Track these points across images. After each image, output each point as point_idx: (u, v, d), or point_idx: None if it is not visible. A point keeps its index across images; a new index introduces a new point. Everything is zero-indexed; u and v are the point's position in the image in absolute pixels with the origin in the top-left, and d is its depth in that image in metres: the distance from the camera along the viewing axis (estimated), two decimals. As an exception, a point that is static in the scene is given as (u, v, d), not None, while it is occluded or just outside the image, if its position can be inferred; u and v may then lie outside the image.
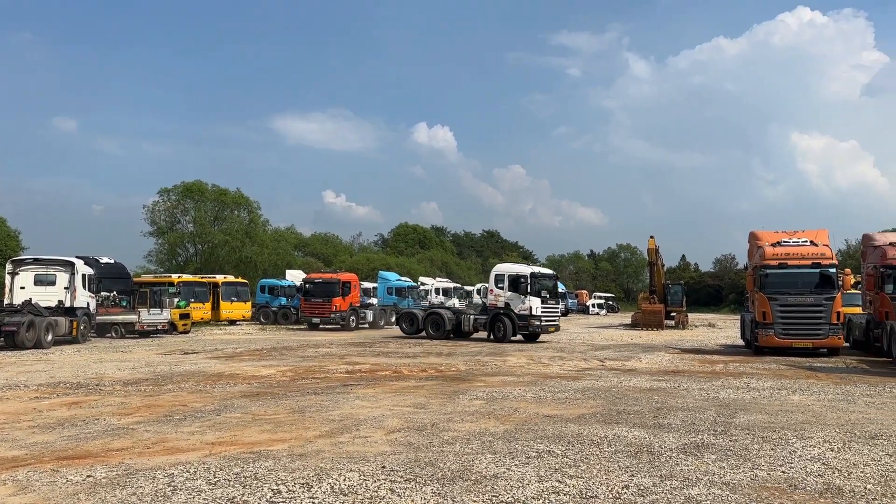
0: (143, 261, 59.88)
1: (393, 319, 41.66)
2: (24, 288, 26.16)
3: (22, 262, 27.28)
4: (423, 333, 29.72)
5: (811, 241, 22.02)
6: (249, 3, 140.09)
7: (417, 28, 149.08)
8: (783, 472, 7.14)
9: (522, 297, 26.93)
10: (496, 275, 28.14)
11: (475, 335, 29.36)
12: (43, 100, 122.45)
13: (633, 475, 6.95)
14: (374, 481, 6.66)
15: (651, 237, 43.39)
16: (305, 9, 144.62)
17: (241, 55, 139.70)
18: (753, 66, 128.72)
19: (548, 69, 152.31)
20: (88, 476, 6.91)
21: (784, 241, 22.19)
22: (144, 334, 30.10)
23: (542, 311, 26.95)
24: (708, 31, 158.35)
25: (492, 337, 27.69)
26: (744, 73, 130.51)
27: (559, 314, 29.59)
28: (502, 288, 27.48)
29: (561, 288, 68.49)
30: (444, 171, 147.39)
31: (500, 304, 27.40)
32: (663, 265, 45.78)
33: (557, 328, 29.14)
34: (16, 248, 46.05)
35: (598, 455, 7.81)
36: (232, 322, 41.45)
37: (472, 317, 28.94)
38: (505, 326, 27.11)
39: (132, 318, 29.99)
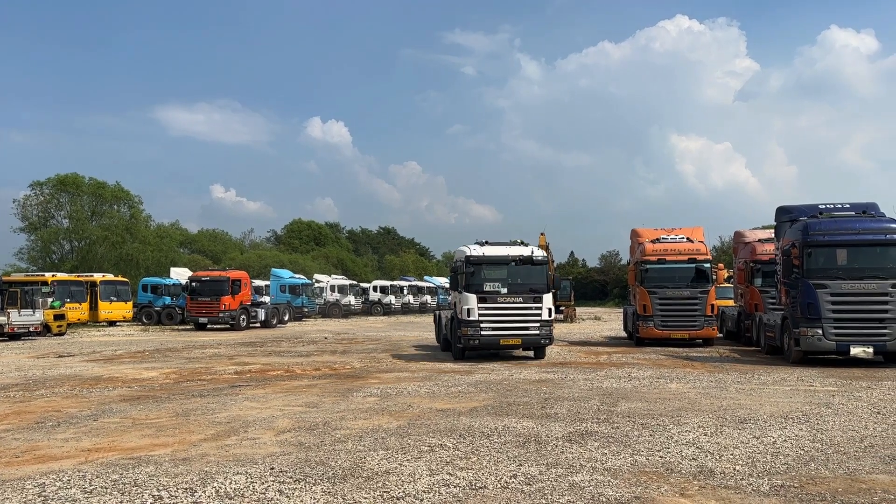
0: (13, 258, 56.22)
1: (286, 318, 40.93)
2: None
3: None
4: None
5: (688, 238, 23.27)
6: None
7: (310, 20, 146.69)
8: (661, 456, 7.52)
9: (458, 293, 18.63)
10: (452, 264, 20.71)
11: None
12: None
13: (520, 464, 7.13)
14: (262, 483, 6.51)
15: (542, 234, 44.44)
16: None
17: (118, 40, 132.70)
18: (636, 71, 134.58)
19: (442, 67, 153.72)
20: (-54, 491, 6.39)
21: (663, 238, 23.35)
22: (14, 337, 28.13)
23: (486, 315, 17.64)
24: (594, 35, 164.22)
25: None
26: (627, 76, 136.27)
27: (536, 319, 17.80)
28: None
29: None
30: (339, 167, 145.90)
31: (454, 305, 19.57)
32: (553, 261, 47.13)
33: (538, 343, 18.16)
34: None
35: (488, 446, 7.95)
36: (111, 323, 39.43)
37: None
38: (452, 336, 19.09)
39: (0, 319, 27.97)
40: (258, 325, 37.24)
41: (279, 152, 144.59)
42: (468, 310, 17.71)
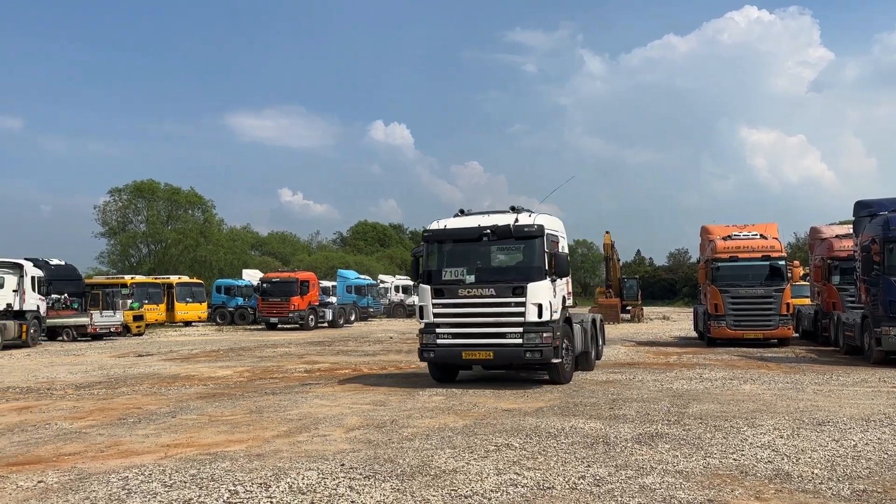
0: (94, 262, 58.96)
1: (352, 318, 41.56)
2: (-29, 291, 25.39)
3: (-33, 266, 26.44)
4: None
5: (761, 235, 22.57)
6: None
7: (370, 24, 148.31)
8: (734, 459, 7.33)
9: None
10: None
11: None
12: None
13: (589, 465, 7.06)
14: (333, 479, 6.65)
15: (606, 232, 44.01)
16: (254, 3, 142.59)
17: (189, 51, 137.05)
18: (703, 63, 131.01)
19: (502, 66, 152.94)
20: (40, 482, 6.76)
21: (735, 235, 22.71)
22: (97, 337, 29.46)
23: (444, 315, 12.72)
24: (659, 28, 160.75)
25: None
26: (694, 70, 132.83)
27: (517, 321, 12.33)
28: None
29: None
30: (401, 169, 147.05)
31: None
32: (619, 260, 46.44)
33: (518, 358, 12.52)
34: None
35: (555, 447, 7.91)
36: (187, 323, 40.79)
37: None
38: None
39: (84, 320, 29.33)
40: (326, 324, 37.96)
41: (343, 155, 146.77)
42: (421, 308, 12.93)
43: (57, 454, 7.99)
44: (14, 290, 25.59)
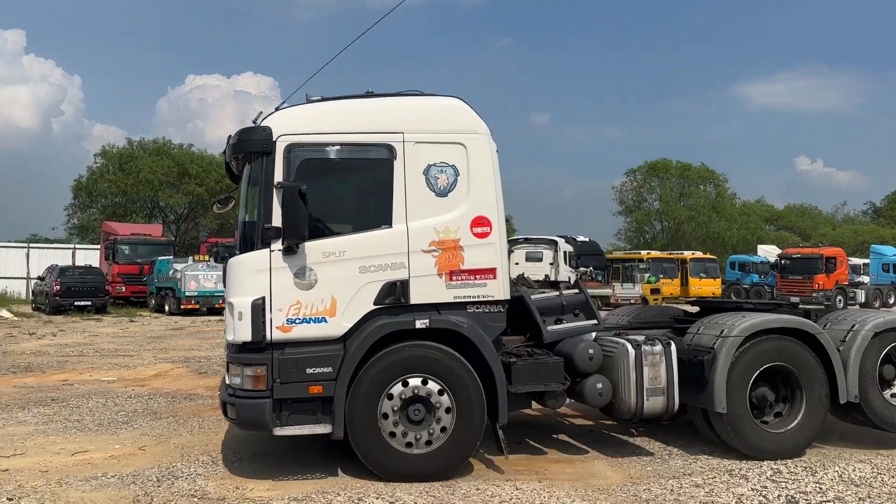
0: (612, 238, 63.61)
1: (891, 300, 36.21)
2: (517, 264, 30.01)
3: (515, 242, 31.39)
4: None
5: None
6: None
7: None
8: None
9: None
10: None
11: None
12: (522, 97, 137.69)
13: None
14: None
15: None
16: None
17: (690, 29, 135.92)
18: None
19: None
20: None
21: None
22: (618, 307, 31.62)
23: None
24: None
25: None
26: None
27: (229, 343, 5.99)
28: None
29: None
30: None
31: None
32: None
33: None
34: (509, 230, 53.44)
35: None
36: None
37: None
38: None
39: (607, 291, 31.87)
40: (856, 306, 33.87)
41: (872, 115, 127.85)
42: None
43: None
44: (550, 263, 29.29)
